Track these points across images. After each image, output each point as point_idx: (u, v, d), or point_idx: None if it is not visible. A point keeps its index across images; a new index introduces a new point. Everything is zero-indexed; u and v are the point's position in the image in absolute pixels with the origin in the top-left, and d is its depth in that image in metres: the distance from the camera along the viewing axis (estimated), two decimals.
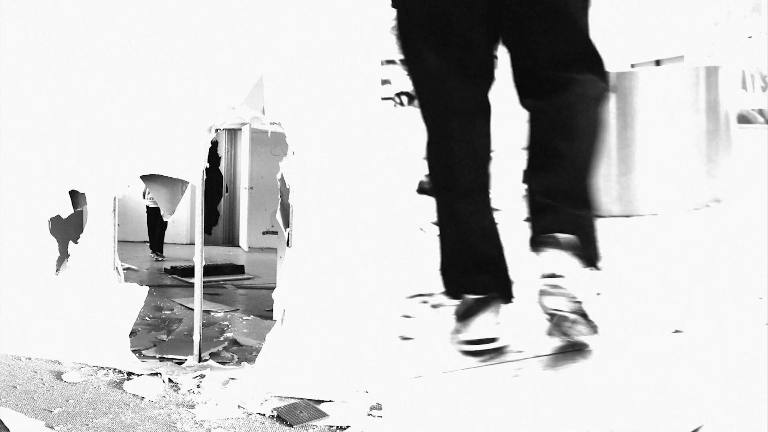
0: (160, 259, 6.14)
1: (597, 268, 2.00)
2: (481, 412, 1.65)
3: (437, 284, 1.96)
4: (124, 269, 2.45)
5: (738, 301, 2.23)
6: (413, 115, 2.12)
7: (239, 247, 6.99)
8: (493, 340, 1.90)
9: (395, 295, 2.10)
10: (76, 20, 2.36)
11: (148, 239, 6.44)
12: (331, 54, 2.06)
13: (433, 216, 2.07)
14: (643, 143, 3.82)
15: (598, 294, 2.28)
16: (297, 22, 2.11)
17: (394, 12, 1.93)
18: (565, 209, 1.91)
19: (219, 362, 2.33)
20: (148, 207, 6.23)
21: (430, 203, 2.15)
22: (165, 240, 6.43)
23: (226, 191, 7.86)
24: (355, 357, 1.97)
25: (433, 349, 1.86)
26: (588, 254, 1.96)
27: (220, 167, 7.66)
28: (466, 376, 1.79)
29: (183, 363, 2.30)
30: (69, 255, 2.38)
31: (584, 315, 1.82)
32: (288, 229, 2.09)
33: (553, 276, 1.87)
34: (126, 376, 2.18)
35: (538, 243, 1.90)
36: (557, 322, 1.81)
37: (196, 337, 2.34)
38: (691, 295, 2.31)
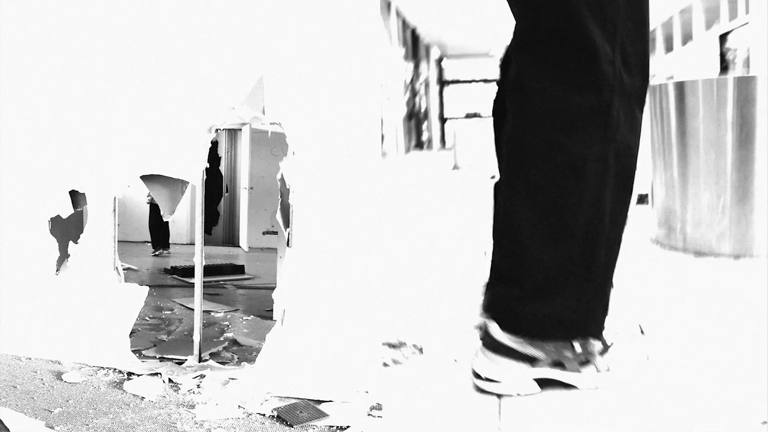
0: (166, 253, 6.13)
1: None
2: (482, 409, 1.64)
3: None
4: (124, 269, 2.44)
5: None
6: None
7: (239, 247, 6.98)
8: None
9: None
10: (76, 20, 2.36)
11: (150, 240, 6.43)
12: (332, 54, 2.06)
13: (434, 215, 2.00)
14: (766, 164, 3.10)
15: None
16: (297, 22, 2.11)
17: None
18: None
19: (219, 362, 2.32)
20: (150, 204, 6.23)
21: (430, 203, 2.10)
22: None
23: (226, 191, 7.86)
24: (355, 357, 1.97)
25: None
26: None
27: (220, 167, 7.65)
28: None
29: (183, 363, 2.30)
30: (69, 255, 2.37)
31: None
32: (288, 229, 2.09)
33: None
34: (126, 376, 2.18)
35: None
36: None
37: (196, 337, 2.34)
38: None
